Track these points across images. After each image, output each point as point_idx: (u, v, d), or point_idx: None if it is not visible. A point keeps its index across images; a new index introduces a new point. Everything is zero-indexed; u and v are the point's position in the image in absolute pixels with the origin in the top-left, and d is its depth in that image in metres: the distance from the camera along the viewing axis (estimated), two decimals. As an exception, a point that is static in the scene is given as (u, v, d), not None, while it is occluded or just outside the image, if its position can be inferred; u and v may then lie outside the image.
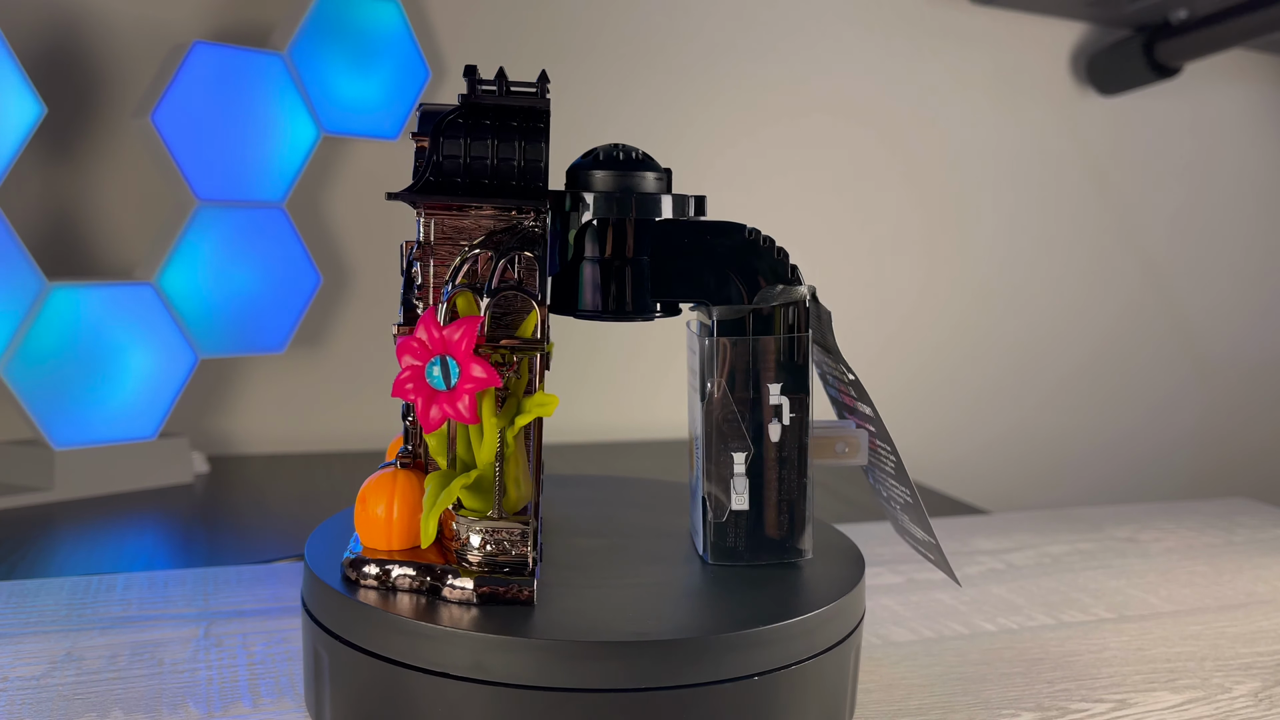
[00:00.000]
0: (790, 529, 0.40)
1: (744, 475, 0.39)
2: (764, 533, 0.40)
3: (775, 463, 0.40)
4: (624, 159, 0.39)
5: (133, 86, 0.82)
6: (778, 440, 0.39)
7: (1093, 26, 1.19)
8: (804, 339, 0.39)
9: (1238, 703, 0.44)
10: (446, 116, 0.37)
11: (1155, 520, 0.74)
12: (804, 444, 0.40)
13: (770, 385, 0.39)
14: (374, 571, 0.36)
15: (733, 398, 0.39)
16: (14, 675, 0.41)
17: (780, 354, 0.39)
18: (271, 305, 0.80)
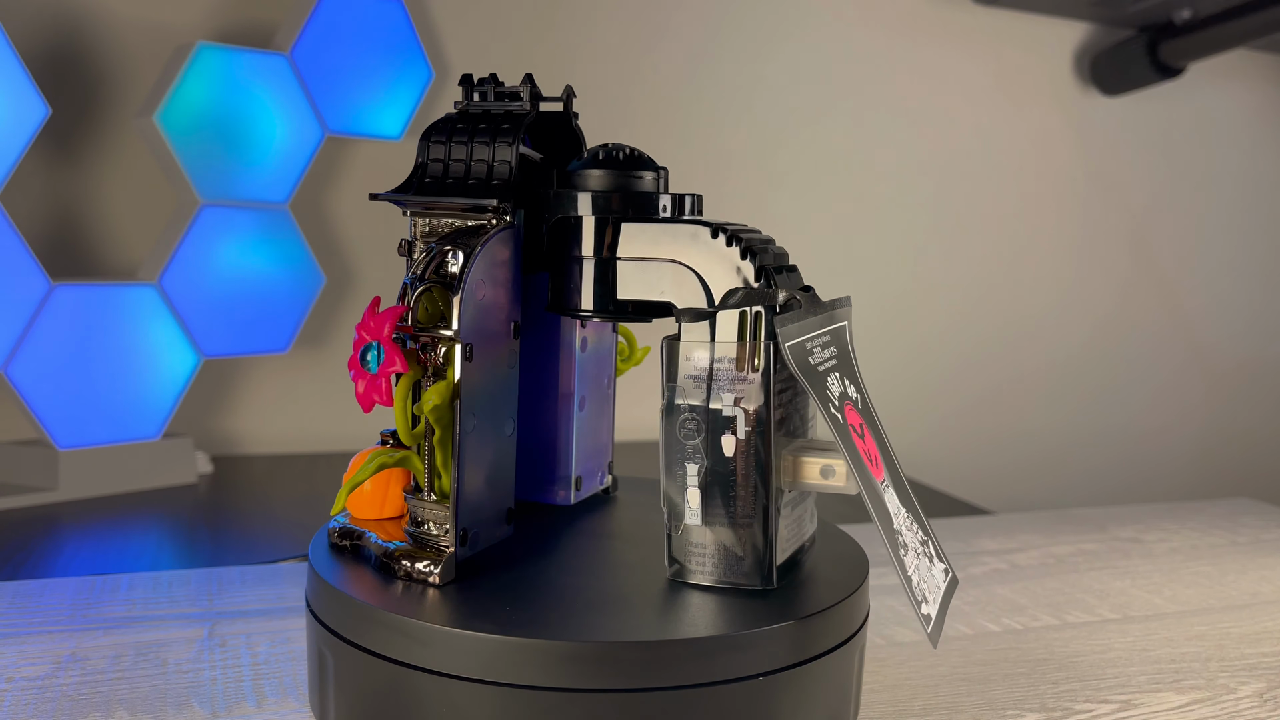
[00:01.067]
0: (749, 554, 0.36)
1: (696, 489, 0.36)
2: (721, 553, 0.37)
3: (729, 479, 0.36)
4: (620, 158, 0.39)
5: (137, 87, 0.82)
6: (731, 454, 0.36)
7: (1096, 26, 1.19)
8: (759, 347, 0.36)
9: (1243, 703, 0.44)
10: (436, 122, 0.40)
11: (1159, 521, 0.74)
12: (764, 461, 0.36)
13: (724, 394, 0.36)
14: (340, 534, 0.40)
15: (692, 406, 0.36)
16: (19, 675, 0.41)
17: (738, 362, 0.36)
18: (275, 305, 0.80)
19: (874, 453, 0.37)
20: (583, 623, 0.34)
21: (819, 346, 0.37)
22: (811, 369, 0.36)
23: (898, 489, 0.38)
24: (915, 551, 0.37)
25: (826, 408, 0.36)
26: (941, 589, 0.37)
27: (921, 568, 0.36)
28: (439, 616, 0.33)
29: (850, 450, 0.36)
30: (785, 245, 0.42)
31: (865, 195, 1.12)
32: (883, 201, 1.12)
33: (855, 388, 0.39)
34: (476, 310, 0.37)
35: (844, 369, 0.38)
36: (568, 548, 0.41)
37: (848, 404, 0.38)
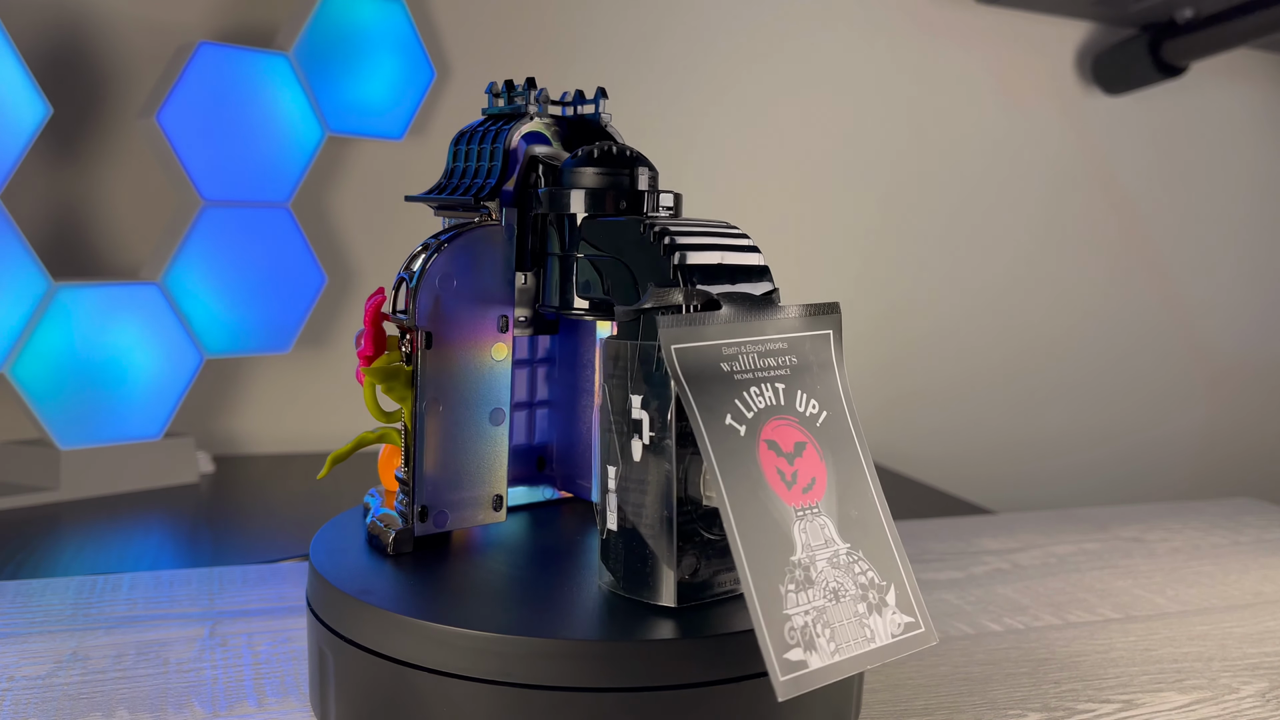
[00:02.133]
0: (651, 567, 0.34)
1: (614, 493, 0.35)
2: (630, 563, 0.35)
3: (637, 486, 0.35)
4: (596, 155, 0.39)
5: (138, 87, 0.82)
6: (639, 460, 0.34)
7: (1098, 25, 1.18)
8: (651, 348, 0.34)
9: (1245, 703, 0.44)
10: (464, 126, 0.42)
11: (1161, 520, 0.74)
12: (667, 471, 0.33)
13: (633, 396, 0.35)
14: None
15: (614, 407, 0.35)
16: (20, 674, 0.41)
17: (643, 363, 0.34)
18: (277, 305, 0.80)
19: (814, 476, 0.34)
20: (584, 622, 0.34)
21: (745, 353, 0.34)
22: (714, 376, 0.33)
23: (847, 519, 0.34)
24: (832, 591, 0.32)
25: (701, 418, 0.32)
26: (876, 643, 0.33)
27: (832, 611, 0.32)
28: (439, 615, 0.33)
29: (728, 465, 0.32)
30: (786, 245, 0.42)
31: (866, 194, 1.12)
32: (884, 201, 1.12)
33: (816, 403, 0.35)
34: (441, 302, 0.39)
35: (800, 381, 0.35)
36: (572, 546, 0.41)
37: (775, 419, 0.34)
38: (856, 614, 0.32)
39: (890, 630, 0.33)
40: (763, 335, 0.34)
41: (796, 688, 0.30)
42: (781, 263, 1.07)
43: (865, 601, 0.33)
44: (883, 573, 0.34)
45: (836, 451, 0.35)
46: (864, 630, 0.32)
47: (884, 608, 0.33)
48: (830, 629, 0.32)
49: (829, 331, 0.36)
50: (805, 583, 0.32)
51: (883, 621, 0.33)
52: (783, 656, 0.30)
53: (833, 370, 0.36)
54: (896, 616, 0.33)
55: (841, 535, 0.33)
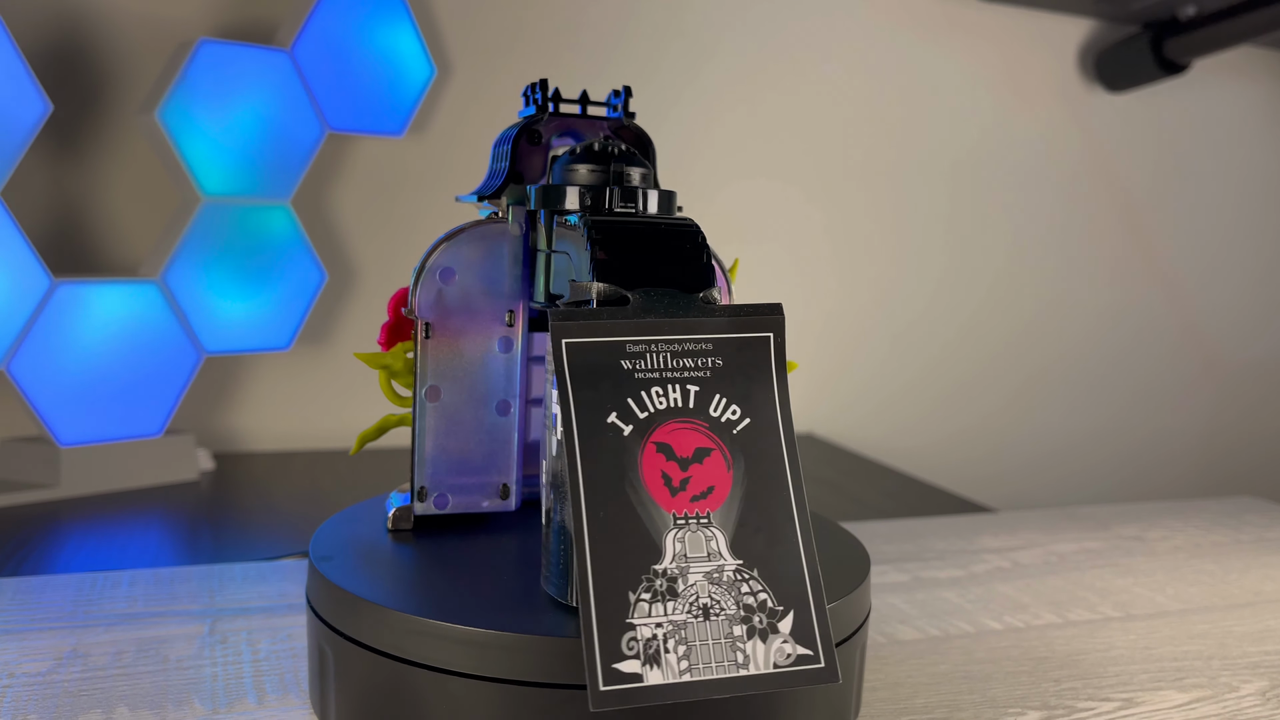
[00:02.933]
0: (561, 571, 0.33)
1: (545, 487, 0.34)
2: (551, 565, 0.34)
3: (555, 481, 0.33)
4: (577, 152, 0.39)
5: (139, 83, 0.82)
6: (555, 455, 0.33)
7: (1101, 23, 1.18)
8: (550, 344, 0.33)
9: (1245, 702, 0.44)
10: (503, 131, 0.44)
11: (1162, 519, 0.74)
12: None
13: (550, 391, 0.34)
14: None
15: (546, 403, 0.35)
16: (20, 671, 0.41)
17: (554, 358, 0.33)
18: (277, 302, 0.80)
19: (713, 484, 0.32)
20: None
21: (656, 353, 0.33)
22: (610, 373, 0.32)
23: (747, 535, 0.32)
24: (702, 608, 0.30)
25: (576, 413, 0.31)
26: (749, 670, 0.30)
27: (696, 628, 0.30)
28: (439, 612, 0.33)
29: (595, 462, 0.31)
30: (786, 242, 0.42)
31: (869, 192, 1.11)
32: (886, 199, 1.12)
33: (738, 409, 0.33)
34: (442, 294, 0.41)
35: (722, 384, 0.33)
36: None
37: (675, 422, 0.32)
38: (729, 636, 0.30)
39: (774, 659, 0.30)
40: (680, 335, 0.33)
41: (617, 701, 0.29)
42: (781, 260, 1.07)
43: (747, 625, 0.30)
44: (786, 598, 0.31)
45: (754, 463, 0.32)
46: (735, 654, 0.30)
47: (772, 635, 0.30)
48: (688, 647, 0.30)
49: (768, 335, 0.34)
50: (666, 594, 0.30)
51: (765, 650, 0.30)
52: (611, 666, 0.29)
53: (769, 376, 0.33)
54: (787, 646, 0.30)
55: (734, 551, 0.31)
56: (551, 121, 0.42)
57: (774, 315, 0.34)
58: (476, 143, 0.95)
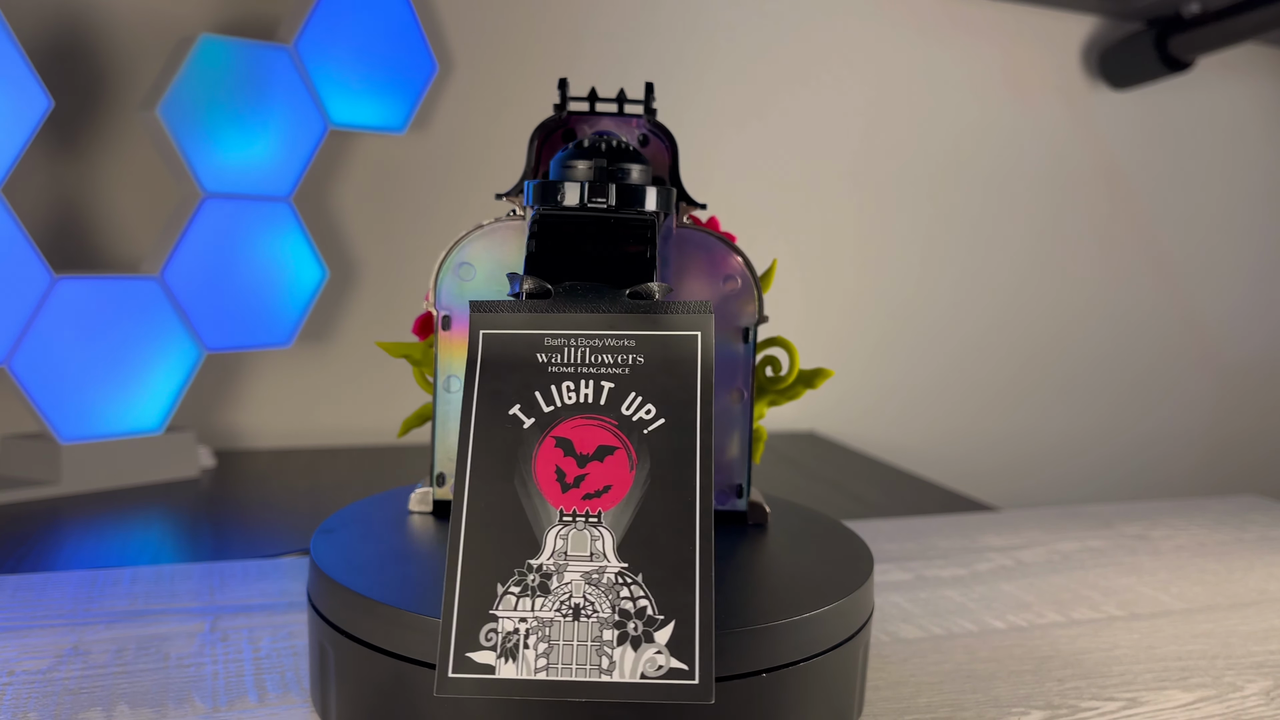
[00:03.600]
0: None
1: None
2: None
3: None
4: (607, 149, 0.39)
5: (139, 79, 0.82)
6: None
7: (1104, 20, 1.18)
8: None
9: (1249, 701, 0.43)
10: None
11: (1166, 517, 0.74)
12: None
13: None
14: None
15: None
16: (20, 669, 0.41)
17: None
18: (278, 299, 0.80)
19: (611, 484, 0.31)
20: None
21: (575, 347, 0.33)
22: (522, 365, 0.32)
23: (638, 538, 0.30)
24: (573, 607, 0.30)
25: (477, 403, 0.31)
26: (612, 677, 0.29)
27: (562, 627, 0.29)
28: (440, 611, 0.33)
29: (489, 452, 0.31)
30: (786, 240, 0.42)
31: (871, 189, 1.11)
32: (889, 196, 1.12)
33: (653, 409, 0.32)
34: (461, 289, 0.42)
35: (639, 382, 0.32)
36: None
37: (580, 418, 0.32)
38: (596, 639, 0.29)
39: (642, 669, 0.29)
40: (600, 330, 0.33)
41: (463, 689, 0.28)
42: (782, 259, 1.06)
43: (619, 630, 0.29)
44: (669, 608, 0.29)
45: (661, 464, 0.31)
46: (600, 659, 0.29)
47: (647, 644, 0.29)
48: (549, 645, 0.29)
49: (696, 333, 0.33)
50: (538, 589, 0.30)
51: (635, 658, 0.29)
52: (463, 654, 0.29)
53: (692, 375, 0.32)
54: (660, 658, 0.29)
55: (621, 553, 0.30)
56: (583, 120, 0.43)
57: (702, 313, 0.33)
58: (479, 139, 0.95)
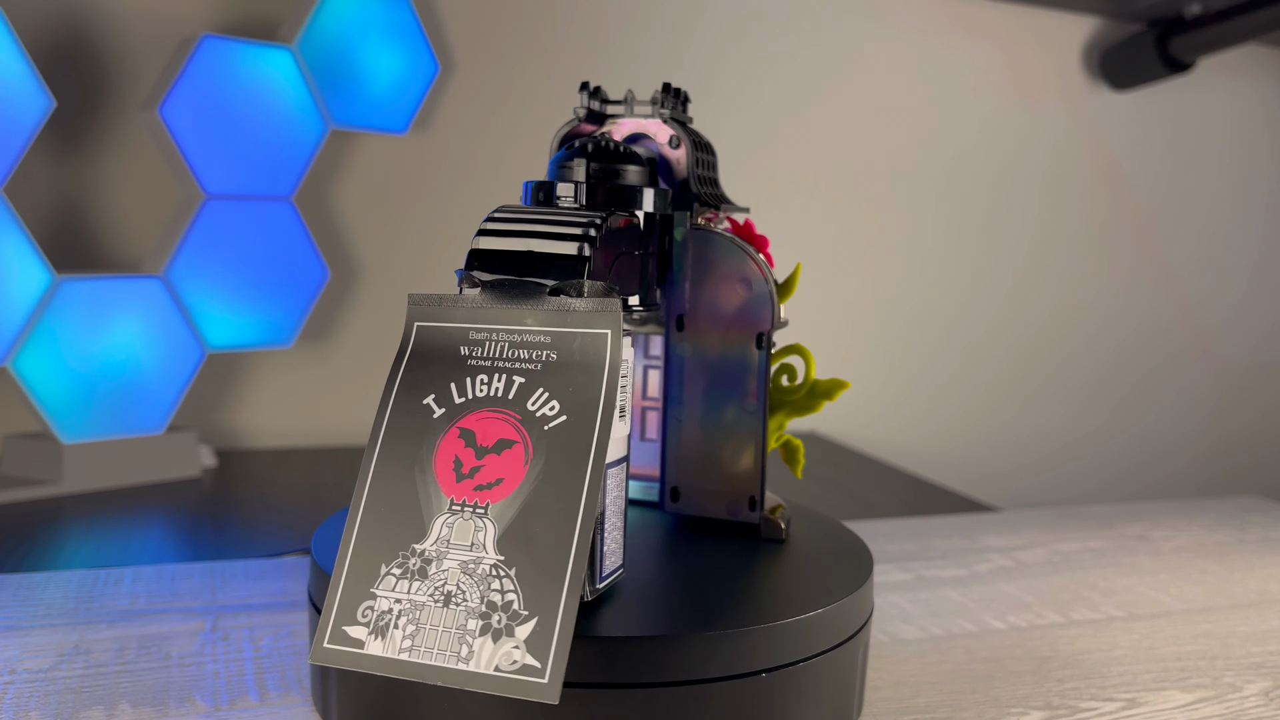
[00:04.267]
0: None
1: None
2: None
3: None
4: (605, 151, 0.39)
5: (141, 80, 0.82)
6: None
7: (1105, 20, 1.18)
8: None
9: (1248, 702, 0.44)
10: None
11: (1166, 518, 0.74)
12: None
13: None
14: None
15: None
16: (22, 668, 0.41)
17: None
18: (279, 299, 0.80)
19: (504, 477, 0.32)
20: (584, 618, 0.34)
21: (495, 341, 0.33)
22: (446, 357, 0.33)
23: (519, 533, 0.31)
24: (444, 594, 0.30)
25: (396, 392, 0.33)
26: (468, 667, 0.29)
27: (431, 612, 0.30)
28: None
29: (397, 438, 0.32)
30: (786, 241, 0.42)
31: (872, 190, 1.11)
32: (889, 197, 1.12)
33: (557, 405, 0.32)
34: None
35: (548, 379, 0.33)
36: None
37: (487, 410, 0.32)
38: (461, 627, 0.30)
39: (497, 662, 0.29)
40: (517, 325, 0.33)
41: (332, 660, 0.30)
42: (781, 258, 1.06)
43: (484, 621, 0.30)
44: (534, 604, 0.30)
45: (556, 462, 0.31)
46: (459, 648, 0.29)
47: (506, 638, 0.29)
48: (416, 628, 0.30)
49: (606, 331, 0.32)
50: (417, 573, 0.30)
51: (493, 650, 0.29)
52: (340, 627, 0.30)
53: (599, 374, 0.32)
54: (516, 653, 0.29)
55: (499, 547, 0.31)
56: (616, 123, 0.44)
57: (611, 312, 0.33)
58: (480, 140, 0.95)
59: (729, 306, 0.42)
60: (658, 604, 0.35)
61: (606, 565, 0.35)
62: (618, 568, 0.36)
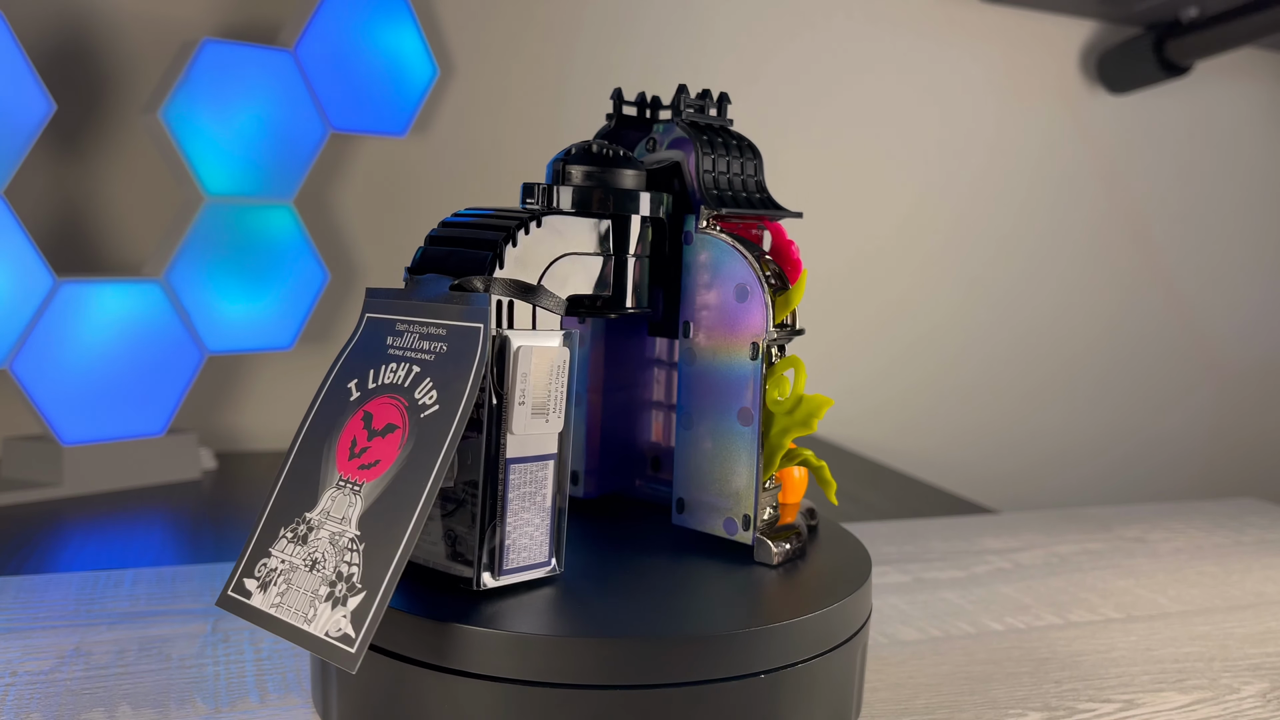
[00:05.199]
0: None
1: None
2: None
3: None
4: (602, 155, 0.40)
5: (142, 83, 0.82)
6: None
7: (1103, 24, 1.18)
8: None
9: (1246, 703, 0.44)
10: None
11: (1164, 520, 0.74)
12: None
13: None
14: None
15: None
16: (22, 670, 0.42)
17: None
18: (279, 302, 0.80)
19: (381, 459, 0.34)
20: (585, 619, 0.34)
21: (411, 333, 0.35)
22: (378, 347, 0.36)
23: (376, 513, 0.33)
24: (312, 560, 0.33)
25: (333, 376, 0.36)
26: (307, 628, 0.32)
27: (299, 575, 0.33)
28: (441, 612, 0.33)
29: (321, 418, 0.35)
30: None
31: (870, 194, 1.11)
32: (888, 201, 1.12)
33: (435, 395, 0.34)
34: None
35: (436, 370, 0.34)
36: (573, 544, 0.41)
37: (387, 396, 0.35)
38: (313, 592, 0.32)
39: (326, 628, 0.31)
40: (429, 319, 0.35)
41: (228, 607, 0.34)
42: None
43: (330, 588, 0.32)
44: (366, 579, 0.32)
45: (421, 449, 0.33)
46: (308, 610, 0.32)
47: (340, 607, 0.32)
48: (287, 588, 0.33)
49: (479, 326, 0.34)
50: (300, 539, 0.34)
51: (329, 616, 0.32)
52: (242, 579, 0.34)
53: (469, 367, 0.34)
54: (343, 623, 0.31)
55: (360, 523, 0.33)
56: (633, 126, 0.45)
57: (481, 308, 0.34)
58: (479, 142, 0.95)
59: (724, 313, 0.40)
60: (656, 605, 0.35)
61: (511, 559, 0.35)
62: (538, 564, 0.36)
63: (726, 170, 0.43)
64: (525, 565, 0.36)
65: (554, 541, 0.37)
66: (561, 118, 0.98)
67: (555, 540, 0.37)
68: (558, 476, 0.36)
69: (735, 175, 0.43)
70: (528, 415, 0.35)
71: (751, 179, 0.43)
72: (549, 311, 0.36)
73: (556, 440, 0.36)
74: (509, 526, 0.35)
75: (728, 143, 0.43)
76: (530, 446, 0.35)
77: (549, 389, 0.35)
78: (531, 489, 0.36)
